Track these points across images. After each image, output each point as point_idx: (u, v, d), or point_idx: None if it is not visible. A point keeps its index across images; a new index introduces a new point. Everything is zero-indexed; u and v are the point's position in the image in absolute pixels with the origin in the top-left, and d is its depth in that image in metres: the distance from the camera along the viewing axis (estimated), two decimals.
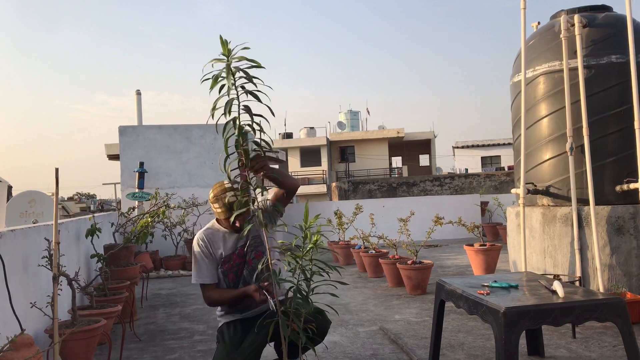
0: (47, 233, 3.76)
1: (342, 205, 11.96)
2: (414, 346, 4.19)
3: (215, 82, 2.57)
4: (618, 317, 2.81)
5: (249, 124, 2.65)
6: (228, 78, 2.56)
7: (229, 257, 3.23)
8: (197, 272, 3.25)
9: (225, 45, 2.54)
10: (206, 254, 3.23)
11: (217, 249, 3.24)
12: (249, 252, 3.22)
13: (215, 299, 3.24)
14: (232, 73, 2.56)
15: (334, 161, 35.13)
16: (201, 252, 3.23)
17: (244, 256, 3.23)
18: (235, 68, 2.57)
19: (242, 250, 3.22)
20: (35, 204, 8.72)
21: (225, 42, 2.55)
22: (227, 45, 2.54)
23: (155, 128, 10.73)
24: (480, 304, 2.93)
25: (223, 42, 2.55)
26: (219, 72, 2.57)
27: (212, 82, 2.57)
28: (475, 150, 38.52)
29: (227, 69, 2.55)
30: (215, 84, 2.57)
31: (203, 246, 3.24)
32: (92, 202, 44.35)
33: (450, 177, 21.01)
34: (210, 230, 3.29)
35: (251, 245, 3.21)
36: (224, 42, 2.56)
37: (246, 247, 3.21)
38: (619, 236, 4.67)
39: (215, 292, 3.24)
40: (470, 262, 7.48)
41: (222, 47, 2.55)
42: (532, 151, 5.26)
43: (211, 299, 3.25)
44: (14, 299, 2.99)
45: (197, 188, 10.57)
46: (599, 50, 4.92)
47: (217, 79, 2.57)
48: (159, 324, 5.45)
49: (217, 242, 3.24)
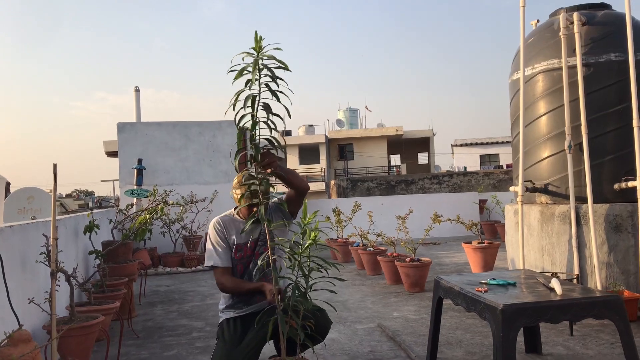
0: (45, 229, 3.75)
1: (340, 203, 11.96)
2: (412, 343, 4.20)
3: (240, 74, 2.62)
4: (615, 315, 2.82)
5: (264, 120, 2.69)
6: (253, 73, 2.60)
7: (240, 246, 3.25)
8: (211, 256, 3.25)
9: (258, 41, 2.59)
10: (222, 238, 3.25)
11: (231, 236, 3.26)
12: (259, 246, 3.23)
13: (229, 287, 3.21)
14: (259, 69, 2.61)
15: (332, 159, 35.12)
16: (217, 235, 3.26)
17: (255, 249, 3.24)
18: (263, 65, 2.62)
19: (254, 243, 3.23)
20: (33, 200, 8.71)
21: (259, 38, 2.60)
22: (260, 42, 2.59)
23: (154, 125, 10.72)
24: (478, 301, 2.94)
25: (257, 38, 2.60)
26: (246, 65, 2.61)
27: (237, 73, 2.62)
28: (474, 148, 38.53)
29: (255, 64, 2.60)
30: (240, 76, 2.62)
31: (219, 230, 3.27)
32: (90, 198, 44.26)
33: (449, 175, 21.01)
34: (227, 217, 3.33)
35: (262, 240, 3.22)
36: (259, 38, 2.60)
37: (257, 241, 3.22)
38: (616, 234, 4.67)
39: (229, 279, 3.21)
40: (469, 259, 7.49)
41: (254, 42, 2.58)
42: (530, 149, 5.26)
43: (225, 285, 3.21)
44: (12, 294, 2.98)
45: (196, 185, 10.56)
46: (598, 48, 4.92)
47: (242, 71, 2.61)
48: (157, 321, 5.45)
49: (232, 229, 3.27)
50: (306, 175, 31.55)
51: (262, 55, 2.60)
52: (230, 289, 3.21)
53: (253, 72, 2.60)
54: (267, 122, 2.69)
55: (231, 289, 3.21)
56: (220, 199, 10.44)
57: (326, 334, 3.16)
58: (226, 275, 3.23)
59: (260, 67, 2.61)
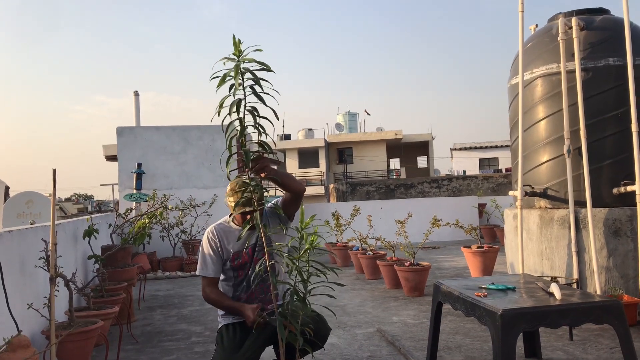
0: (44, 234, 3.75)
1: (339, 207, 11.95)
2: (411, 348, 4.19)
3: (222, 81, 2.59)
4: (615, 320, 2.82)
5: (252, 124, 2.66)
6: (236, 78, 2.57)
7: (238, 253, 3.22)
8: (202, 265, 3.25)
9: (237, 45, 2.56)
10: (214, 249, 3.23)
11: (227, 245, 3.23)
12: (257, 252, 3.22)
13: (211, 299, 3.23)
14: (242, 73, 2.58)
15: (331, 163, 35.14)
16: (209, 246, 3.24)
17: (253, 255, 3.23)
18: (245, 69, 2.59)
19: (252, 249, 3.22)
20: (32, 204, 8.71)
21: (237, 42, 2.57)
22: (238, 46, 2.56)
23: (153, 129, 10.73)
24: (477, 306, 2.93)
25: (235, 42, 2.57)
26: (228, 72, 2.58)
27: (220, 80, 2.58)
28: (473, 152, 38.57)
29: (236, 69, 2.57)
30: (223, 83, 2.59)
31: (212, 240, 3.24)
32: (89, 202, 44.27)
33: (448, 179, 21.01)
34: (222, 225, 3.29)
35: (260, 245, 3.21)
36: (237, 42, 2.57)
37: (255, 247, 3.21)
38: (616, 238, 4.68)
39: (213, 290, 3.22)
40: (468, 264, 7.49)
41: (233, 47, 2.56)
42: (529, 153, 5.26)
43: (208, 296, 3.23)
44: (10, 300, 2.98)
45: (195, 189, 10.57)
46: (597, 53, 4.93)
47: (225, 77, 2.58)
48: (156, 326, 5.44)
49: (228, 238, 3.24)
50: (305, 179, 31.57)
51: (243, 59, 2.57)
52: (212, 300, 3.23)
53: (235, 77, 2.56)
54: (256, 126, 2.66)
55: (213, 301, 3.23)
56: (219, 203, 10.44)
57: (325, 341, 3.16)
58: (211, 286, 3.23)
59: (242, 71, 2.58)
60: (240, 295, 3.28)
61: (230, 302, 3.18)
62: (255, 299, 3.23)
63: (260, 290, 3.26)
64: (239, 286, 3.28)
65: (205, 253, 3.25)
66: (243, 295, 3.28)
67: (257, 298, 3.24)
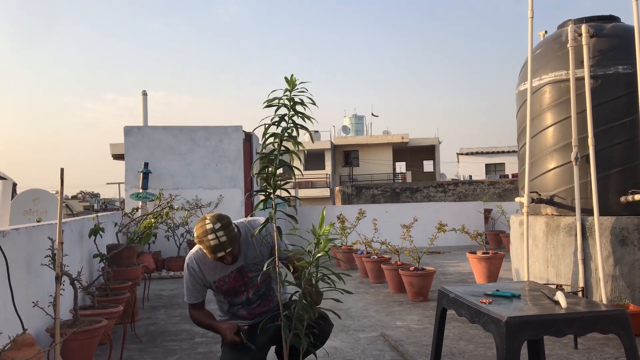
0: (50, 232, 3.77)
1: (345, 210, 11.94)
2: (414, 353, 4.18)
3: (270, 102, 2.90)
4: (620, 329, 2.79)
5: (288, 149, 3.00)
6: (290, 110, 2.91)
7: (223, 279, 3.20)
8: (185, 291, 3.32)
9: (291, 82, 2.87)
10: (195, 278, 3.23)
11: (208, 273, 3.20)
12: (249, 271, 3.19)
13: (195, 319, 3.30)
14: (293, 105, 2.91)
15: (337, 165, 35.12)
16: (190, 276, 3.24)
17: (243, 277, 3.20)
18: (293, 101, 2.91)
19: (238, 273, 3.19)
20: (39, 202, 8.74)
21: (293, 80, 2.87)
22: (293, 82, 2.88)
23: (160, 129, 10.76)
24: (482, 312, 2.92)
25: (291, 80, 2.87)
26: (280, 97, 2.89)
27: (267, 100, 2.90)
28: (480, 157, 38.45)
29: (290, 100, 2.90)
30: (269, 104, 2.91)
31: (193, 271, 3.21)
32: (95, 201, 44.49)
33: (454, 184, 20.96)
34: (202, 252, 3.19)
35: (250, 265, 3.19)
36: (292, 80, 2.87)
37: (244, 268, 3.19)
38: (622, 247, 4.65)
39: (197, 313, 3.29)
40: (473, 269, 7.46)
41: (287, 84, 2.87)
42: (536, 160, 5.25)
43: (193, 317, 3.32)
44: (16, 297, 2.99)
45: (201, 190, 10.58)
46: (606, 61, 4.91)
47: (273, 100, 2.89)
48: (160, 325, 5.46)
49: (209, 266, 3.19)
50: (311, 181, 31.57)
51: (294, 94, 2.90)
52: (196, 322, 3.31)
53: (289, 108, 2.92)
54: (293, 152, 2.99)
55: (197, 322, 3.30)
56: (225, 203, 10.45)
57: (327, 338, 3.17)
58: (195, 309, 3.30)
59: (292, 103, 2.91)
60: (239, 312, 3.30)
61: (209, 322, 3.25)
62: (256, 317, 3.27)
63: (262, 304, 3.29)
64: (235, 305, 3.30)
65: (186, 282, 3.28)
66: (243, 311, 3.29)
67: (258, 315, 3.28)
